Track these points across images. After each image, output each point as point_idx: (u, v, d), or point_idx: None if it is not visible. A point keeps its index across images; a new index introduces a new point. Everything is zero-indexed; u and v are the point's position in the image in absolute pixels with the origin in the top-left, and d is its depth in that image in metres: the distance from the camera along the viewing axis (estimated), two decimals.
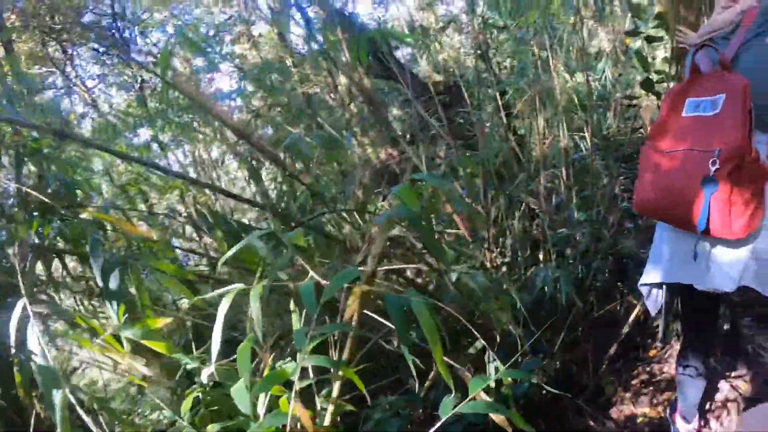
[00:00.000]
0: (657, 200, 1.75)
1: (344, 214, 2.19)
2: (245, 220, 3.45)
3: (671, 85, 3.15)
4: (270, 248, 1.48)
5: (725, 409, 2.52)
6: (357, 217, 2.22)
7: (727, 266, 1.70)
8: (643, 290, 2.03)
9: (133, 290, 1.69)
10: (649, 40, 3.38)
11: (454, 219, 2.46)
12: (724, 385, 2.62)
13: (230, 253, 1.21)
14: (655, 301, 2.03)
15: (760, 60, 1.69)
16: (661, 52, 4.30)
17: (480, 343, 1.67)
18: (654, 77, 3.19)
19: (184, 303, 2.07)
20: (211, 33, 7.88)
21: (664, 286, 1.99)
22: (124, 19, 7.96)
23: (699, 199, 1.60)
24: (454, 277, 1.61)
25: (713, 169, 1.55)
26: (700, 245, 1.72)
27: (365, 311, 1.17)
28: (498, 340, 2.27)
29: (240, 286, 1.19)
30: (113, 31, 7.81)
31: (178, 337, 2.27)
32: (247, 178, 4.08)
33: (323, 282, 1.13)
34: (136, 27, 8.37)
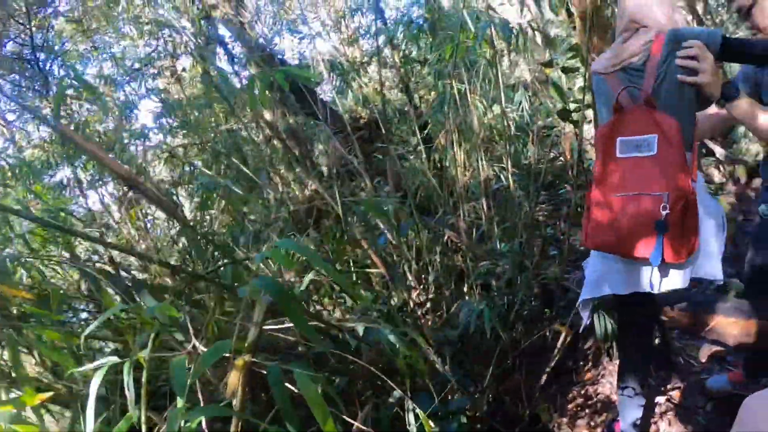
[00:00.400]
0: (613, 241, 1.85)
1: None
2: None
3: (588, 113, 3.24)
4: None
5: (663, 421, 2.57)
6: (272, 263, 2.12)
7: (680, 271, 1.85)
8: (583, 304, 2.13)
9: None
10: (565, 70, 3.48)
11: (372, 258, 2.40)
12: (660, 398, 2.69)
13: (93, 326, 1.08)
14: (588, 314, 2.16)
15: (672, 81, 1.77)
16: (580, 81, 4.46)
17: (398, 392, 1.60)
18: (571, 106, 3.28)
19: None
20: (136, 66, 7.65)
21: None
22: (44, 50, 7.61)
23: (653, 240, 1.74)
24: (361, 330, 1.54)
25: (664, 213, 1.69)
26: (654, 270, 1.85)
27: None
28: (425, 380, 2.21)
29: (113, 359, 1.07)
30: (33, 62, 7.44)
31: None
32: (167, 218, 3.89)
33: (202, 351, 1.03)
34: (58, 58, 8.01)
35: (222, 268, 1.80)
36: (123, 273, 3.29)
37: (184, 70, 6.42)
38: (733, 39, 1.80)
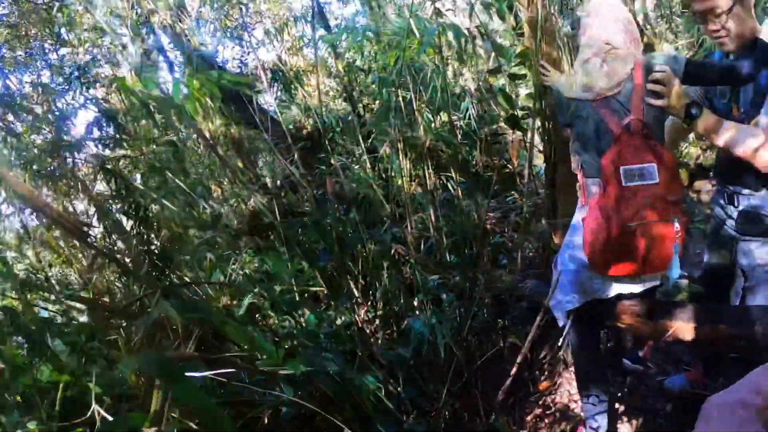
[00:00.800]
0: (629, 267, 2.04)
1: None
2: None
3: (536, 121, 3.23)
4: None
5: (624, 425, 2.58)
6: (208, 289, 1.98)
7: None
8: (562, 312, 2.28)
9: None
10: (512, 77, 3.46)
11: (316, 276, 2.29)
12: (619, 402, 2.69)
13: None
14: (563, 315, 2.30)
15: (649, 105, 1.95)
16: (524, 90, 4.47)
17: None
18: (519, 113, 3.25)
19: None
20: (75, 74, 7.31)
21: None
22: None
23: (667, 260, 2.02)
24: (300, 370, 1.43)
25: (677, 236, 1.98)
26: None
27: None
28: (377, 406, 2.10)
29: None
30: None
31: None
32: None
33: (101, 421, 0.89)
34: None
35: (146, 299, 1.65)
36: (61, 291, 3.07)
37: (124, 78, 6.13)
38: (695, 63, 1.98)
